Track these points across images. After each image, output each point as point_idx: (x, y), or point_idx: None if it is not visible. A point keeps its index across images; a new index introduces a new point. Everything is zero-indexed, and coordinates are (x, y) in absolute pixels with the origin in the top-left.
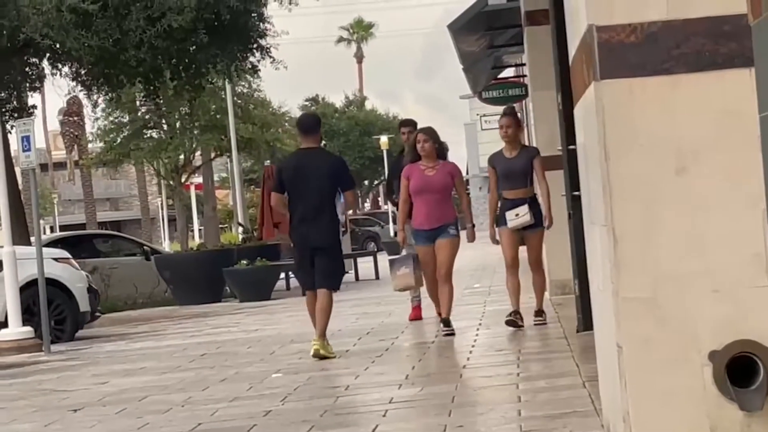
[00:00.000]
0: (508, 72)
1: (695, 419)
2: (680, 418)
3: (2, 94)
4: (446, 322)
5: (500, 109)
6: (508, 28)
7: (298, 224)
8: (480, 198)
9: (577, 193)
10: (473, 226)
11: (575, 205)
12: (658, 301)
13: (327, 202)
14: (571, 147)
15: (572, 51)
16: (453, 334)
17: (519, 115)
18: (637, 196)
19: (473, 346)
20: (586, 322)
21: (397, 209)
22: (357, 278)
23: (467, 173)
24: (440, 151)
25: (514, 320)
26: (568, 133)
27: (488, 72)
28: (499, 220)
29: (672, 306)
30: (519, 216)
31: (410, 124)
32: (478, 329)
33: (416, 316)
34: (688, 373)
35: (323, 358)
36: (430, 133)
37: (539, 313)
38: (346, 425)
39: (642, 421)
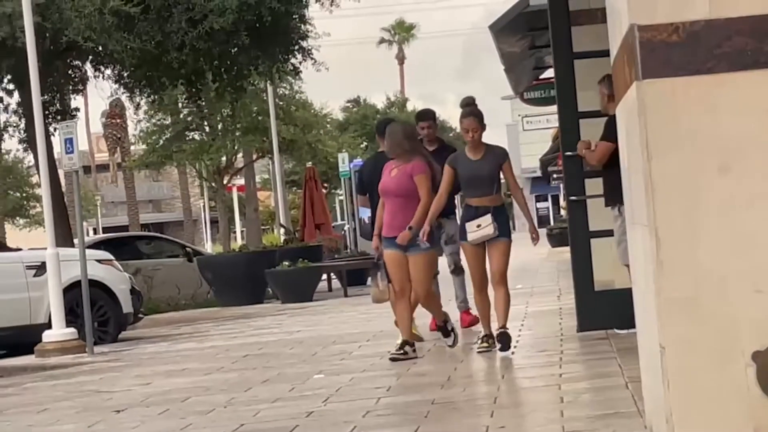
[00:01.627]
0: (550, 72)
1: (739, 420)
2: (723, 419)
3: (45, 97)
4: (445, 331)
5: (543, 109)
6: (549, 28)
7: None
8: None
9: (574, 198)
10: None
11: (574, 207)
12: (700, 301)
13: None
14: (569, 153)
15: (614, 51)
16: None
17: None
18: (679, 196)
19: (515, 346)
20: (582, 322)
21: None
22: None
23: None
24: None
25: (488, 346)
26: (567, 141)
27: (530, 72)
28: (460, 232)
29: (715, 306)
30: (480, 228)
31: (430, 117)
32: (520, 330)
33: (470, 322)
34: (732, 374)
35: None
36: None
37: (502, 335)
38: (388, 426)
39: (685, 422)
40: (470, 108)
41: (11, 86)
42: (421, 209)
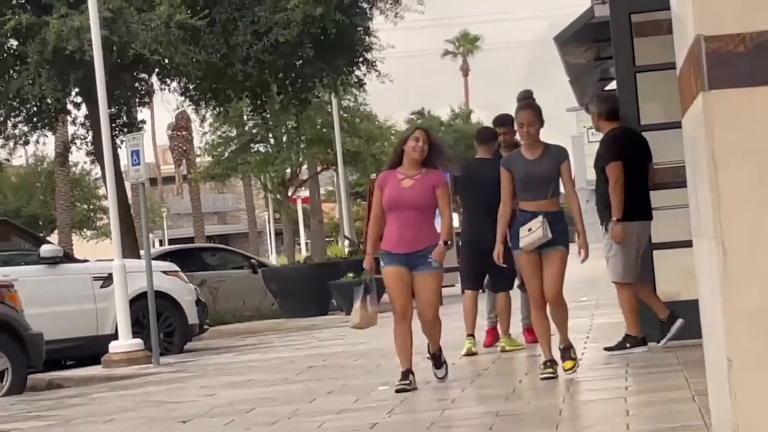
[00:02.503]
0: (615, 84)
1: None
2: None
3: (112, 110)
4: (437, 362)
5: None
6: None
7: (468, 229)
8: (587, 211)
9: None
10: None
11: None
12: None
13: (495, 208)
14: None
15: (679, 62)
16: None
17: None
18: (746, 207)
19: (580, 359)
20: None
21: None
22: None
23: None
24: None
25: (552, 372)
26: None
27: (595, 84)
28: (513, 239)
29: None
30: (531, 231)
31: (508, 122)
32: (585, 343)
33: (533, 339)
34: None
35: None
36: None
37: (567, 350)
38: None
39: None
40: (527, 101)
41: (79, 99)
42: (448, 223)
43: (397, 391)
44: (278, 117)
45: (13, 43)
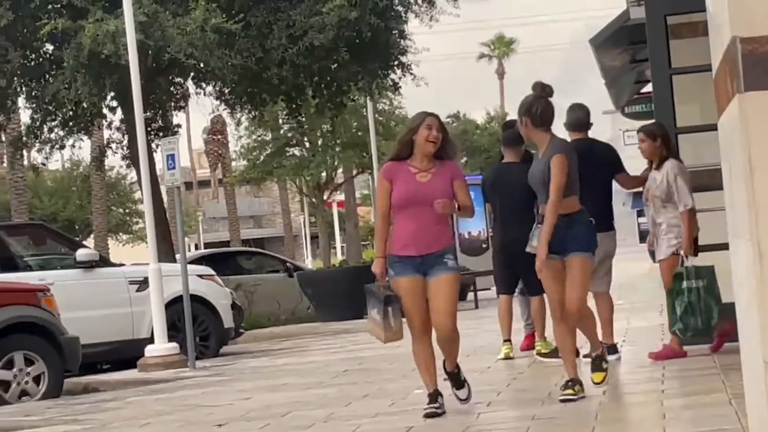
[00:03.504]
0: (651, 86)
1: None
2: None
3: (148, 114)
4: (458, 381)
5: (642, 124)
6: None
7: (499, 233)
8: (623, 214)
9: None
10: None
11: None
12: None
13: (525, 212)
14: None
15: (715, 64)
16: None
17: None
18: None
19: (617, 362)
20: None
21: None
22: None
23: None
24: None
25: (573, 393)
26: None
27: (631, 86)
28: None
29: None
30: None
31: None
32: (621, 345)
33: (528, 345)
34: None
35: (546, 356)
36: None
37: (597, 360)
38: None
39: None
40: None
41: (114, 103)
42: (470, 212)
43: (426, 416)
44: (313, 121)
45: (49, 47)
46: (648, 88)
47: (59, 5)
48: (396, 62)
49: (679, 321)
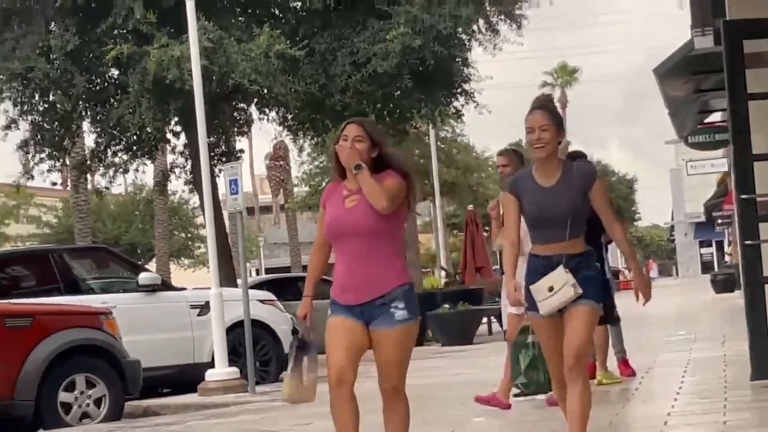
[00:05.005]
0: (715, 116)
1: None
2: None
3: (211, 139)
4: None
5: (707, 153)
6: (714, 72)
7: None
8: (685, 245)
9: (749, 242)
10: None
11: (749, 252)
12: None
13: (592, 240)
14: (744, 197)
15: None
16: None
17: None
18: None
19: (678, 393)
20: (759, 370)
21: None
22: None
23: (672, 219)
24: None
25: None
26: (741, 184)
27: (695, 116)
28: (527, 296)
29: None
30: (554, 292)
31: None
32: (683, 376)
33: (630, 373)
34: None
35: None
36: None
37: None
38: None
39: None
40: (542, 101)
41: (178, 128)
42: (381, 194)
43: None
44: None
45: (115, 72)
46: (712, 117)
47: (125, 31)
48: (459, 90)
49: (523, 375)
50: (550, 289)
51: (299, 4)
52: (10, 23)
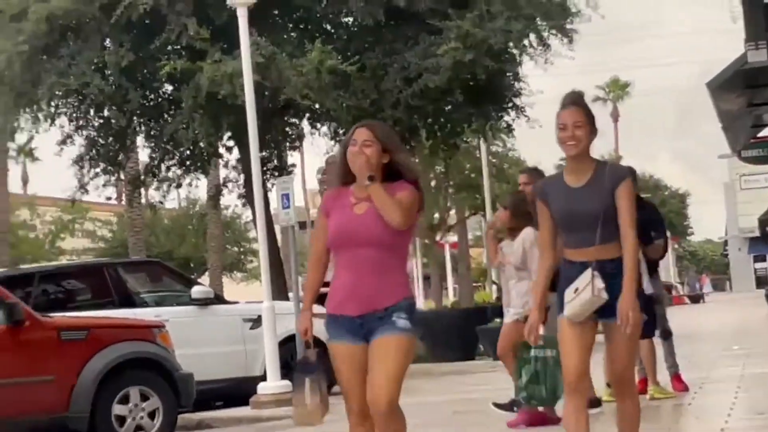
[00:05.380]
0: None
1: None
2: None
3: (263, 153)
4: None
5: (762, 168)
6: None
7: None
8: (739, 259)
9: None
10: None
11: None
12: None
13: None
14: None
15: None
16: None
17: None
18: None
19: (731, 408)
20: None
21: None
22: None
23: (725, 233)
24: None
25: None
26: None
27: (748, 130)
28: (558, 301)
29: None
30: (578, 293)
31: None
32: (737, 392)
33: (683, 388)
34: None
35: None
36: None
37: None
38: None
39: None
40: (574, 98)
41: (231, 143)
42: (395, 209)
43: None
44: (427, 162)
45: (168, 87)
46: (766, 131)
47: (179, 47)
48: (510, 104)
49: (525, 389)
50: (575, 290)
51: (351, 19)
52: (66, 40)
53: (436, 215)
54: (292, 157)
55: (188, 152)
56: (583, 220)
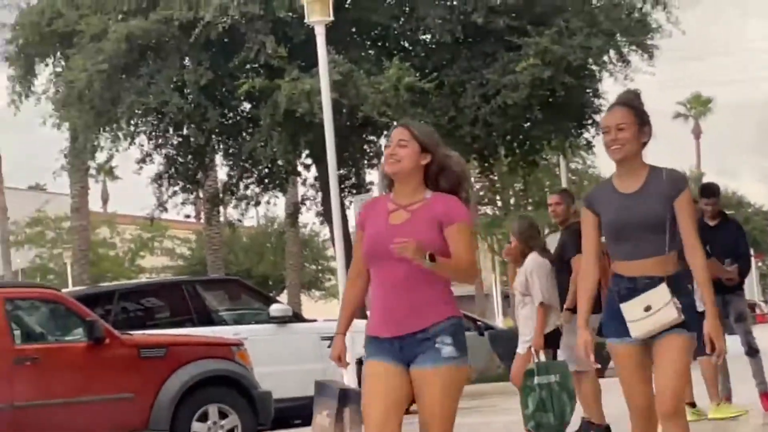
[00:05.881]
0: None
1: None
2: None
3: (341, 171)
4: None
5: None
6: None
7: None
8: None
9: None
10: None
11: None
12: None
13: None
14: None
15: None
16: None
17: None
18: None
19: None
20: None
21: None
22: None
23: None
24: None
25: None
26: None
27: None
28: (605, 321)
29: None
30: (651, 312)
31: (713, 193)
32: None
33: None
34: None
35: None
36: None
37: None
38: None
39: None
40: (630, 96)
41: (309, 161)
42: (460, 271)
43: None
44: (506, 179)
45: (247, 106)
46: None
47: (257, 65)
48: (589, 121)
49: (532, 418)
50: (647, 309)
51: (429, 36)
52: (146, 59)
53: None
54: (370, 175)
55: (266, 170)
56: (636, 229)
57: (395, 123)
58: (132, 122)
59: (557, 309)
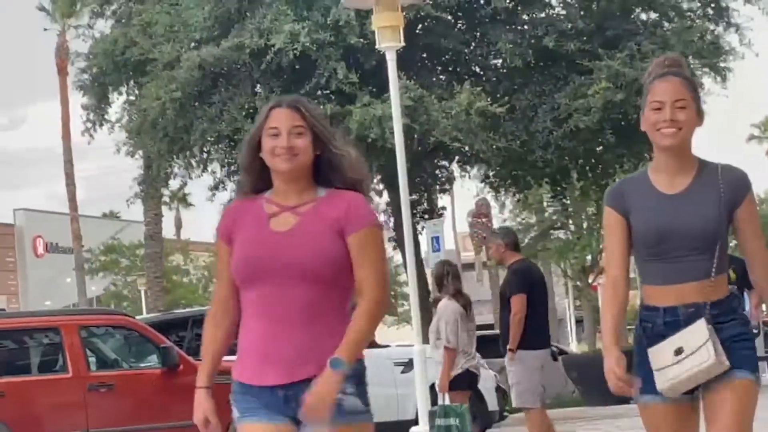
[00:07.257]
0: None
1: None
2: None
3: (413, 196)
4: None
5: None
6: None
7: None
8: None
9: None
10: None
11: None
12: None
13: None
14: None
15: None
16: None
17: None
18: None
19: None
20: None
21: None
22: None
23: None
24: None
25: None
26: None
27: None
28: (638, 364)
29: None
30: (683, 356)
31: None
32: None
33: None
34: None
35: None
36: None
37: None
38: None
39: None
40: (674, 68)
41: (380, 186)
42: (370, 311)
43: None
44: (578, 203)
45: None
46: None
47: (328, 91)
48: None
49: None
50: (678, 351)
51: (500, 61)
52: (217, 86)
53: (589, 257)
54: (442, 200)
55: None
56: (682, 242)
57: (276, 100)
58: (205, 149)
59: (466, 352)
